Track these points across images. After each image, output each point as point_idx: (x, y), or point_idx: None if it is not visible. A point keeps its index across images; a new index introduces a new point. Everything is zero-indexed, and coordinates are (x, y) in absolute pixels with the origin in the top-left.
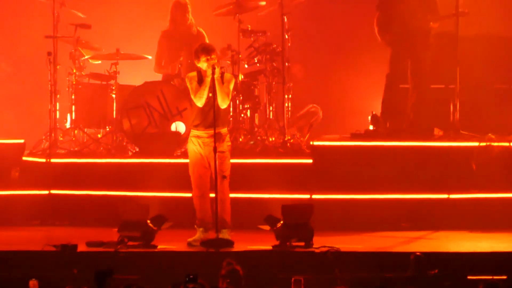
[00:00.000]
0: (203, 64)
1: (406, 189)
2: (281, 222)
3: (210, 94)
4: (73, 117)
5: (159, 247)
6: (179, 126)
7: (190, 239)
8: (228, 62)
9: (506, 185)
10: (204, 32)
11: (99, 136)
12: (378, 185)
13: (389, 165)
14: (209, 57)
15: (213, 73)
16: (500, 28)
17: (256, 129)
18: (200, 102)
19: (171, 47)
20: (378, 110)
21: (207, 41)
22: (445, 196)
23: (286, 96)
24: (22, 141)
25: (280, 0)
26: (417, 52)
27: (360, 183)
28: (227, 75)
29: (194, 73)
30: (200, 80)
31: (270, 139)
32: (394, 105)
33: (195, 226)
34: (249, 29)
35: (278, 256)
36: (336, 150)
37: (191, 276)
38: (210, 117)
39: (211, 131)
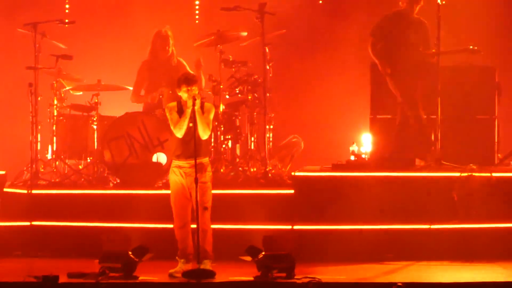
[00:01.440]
0: (183, 94)
1: (388, 220)
2: (263, 253)
3: (191, 124)
4: (54, 148)
5: (140, 278)
6: (160, 157)
7: (171, 270)
8: (210, 92)
9: (487, 216)
10: (184, 62)
11: (80, 167)
12: (360, 216)
13: (371, 195)
14: (189, 88)
15: (193, 105)
16: (481, 59)
17: (237, 159)
18: (179, 133)
19: (151, 78)
20: (359, 141)
21: (189, 71)
22: (426, 226)
23: (267, 127)
24: (3, 172)
25: (262, 31)
26: (409, 82)
27: (341, 213)
28: (207, 105)
29: (174, 103)
30: (180, 110)
31: (252, 170)
32: (378, 135)
33: (177, 257)
34: (231, 59)
35: (260, 287)
36: (317, 181)
37: None
38: (191, 147)
39: (193, 161)
